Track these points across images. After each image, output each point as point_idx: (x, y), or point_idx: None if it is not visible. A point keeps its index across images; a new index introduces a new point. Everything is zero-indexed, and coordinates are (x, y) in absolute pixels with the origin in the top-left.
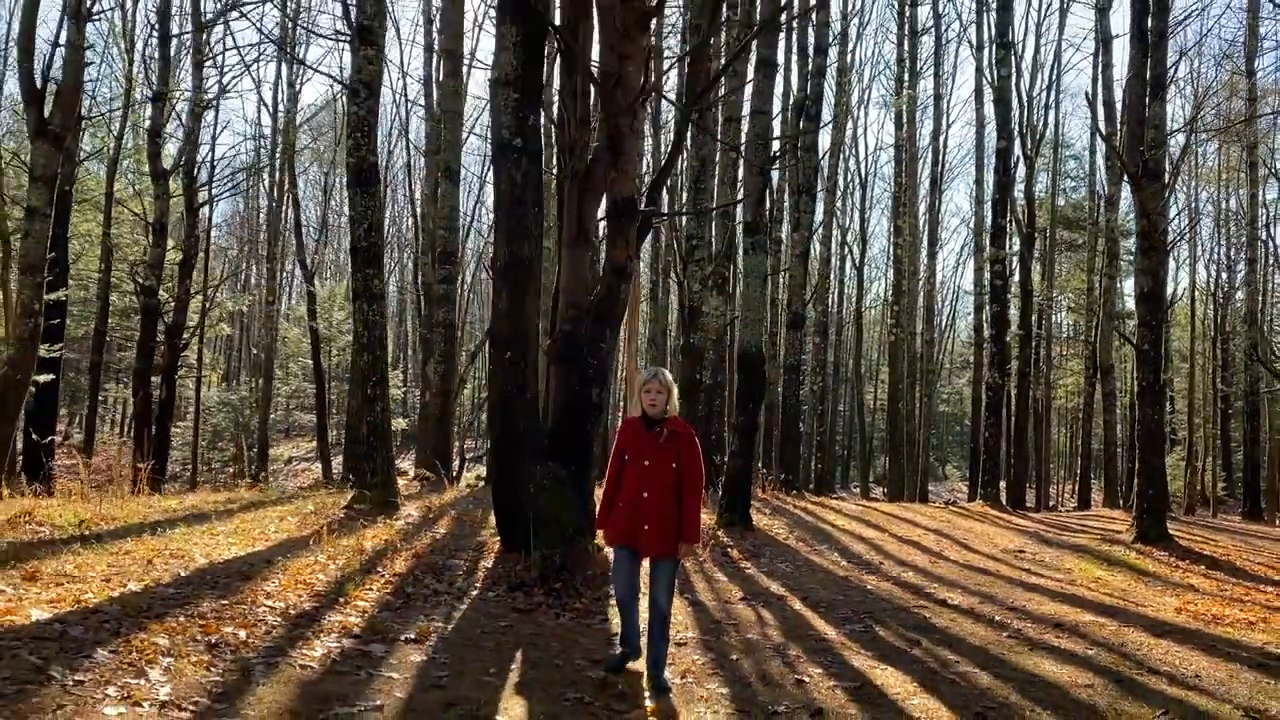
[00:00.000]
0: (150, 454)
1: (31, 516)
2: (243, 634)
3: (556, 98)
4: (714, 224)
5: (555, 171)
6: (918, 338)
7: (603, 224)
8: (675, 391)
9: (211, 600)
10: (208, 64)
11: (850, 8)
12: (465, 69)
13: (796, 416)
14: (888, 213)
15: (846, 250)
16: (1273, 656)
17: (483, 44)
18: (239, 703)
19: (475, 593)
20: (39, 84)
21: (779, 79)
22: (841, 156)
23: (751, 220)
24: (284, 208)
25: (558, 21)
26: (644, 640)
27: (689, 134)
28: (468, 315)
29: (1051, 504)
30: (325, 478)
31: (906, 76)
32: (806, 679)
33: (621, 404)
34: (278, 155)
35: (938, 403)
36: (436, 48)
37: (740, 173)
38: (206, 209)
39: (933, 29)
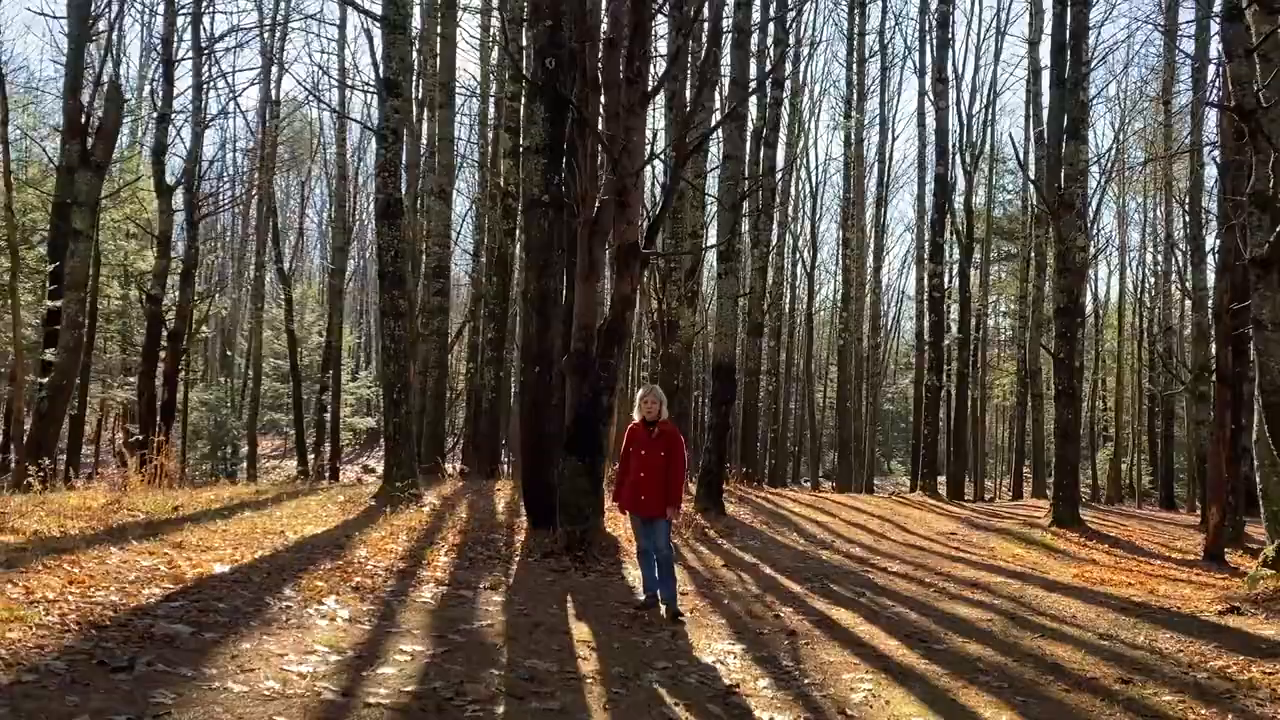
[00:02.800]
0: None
1: (120, 505)
2: (369, 582)
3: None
4: (686, 246)
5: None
6: (864, 342)
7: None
8: (665, 401)
9: (328, 562)
10: (207, 85)
11: (803, 30)
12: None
13: (756, 416)
14: (837, 219)
15: (798, 256)
16: (1133, 604)
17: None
18: (395, 620)
19: (518, 559)
20: (83, 120)
21: None
22: (794, 168)
23: (725, 250)
24: (264, 215)
25: (571, 97)
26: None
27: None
28: None
29: (989, 495)
30: (302, 474)
31: (854, 98)
32: (781, 615)
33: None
34: (259, 169)
35: (883, 401)
36: (416, 69)
37: (707, 198)
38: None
39: (879, 55)
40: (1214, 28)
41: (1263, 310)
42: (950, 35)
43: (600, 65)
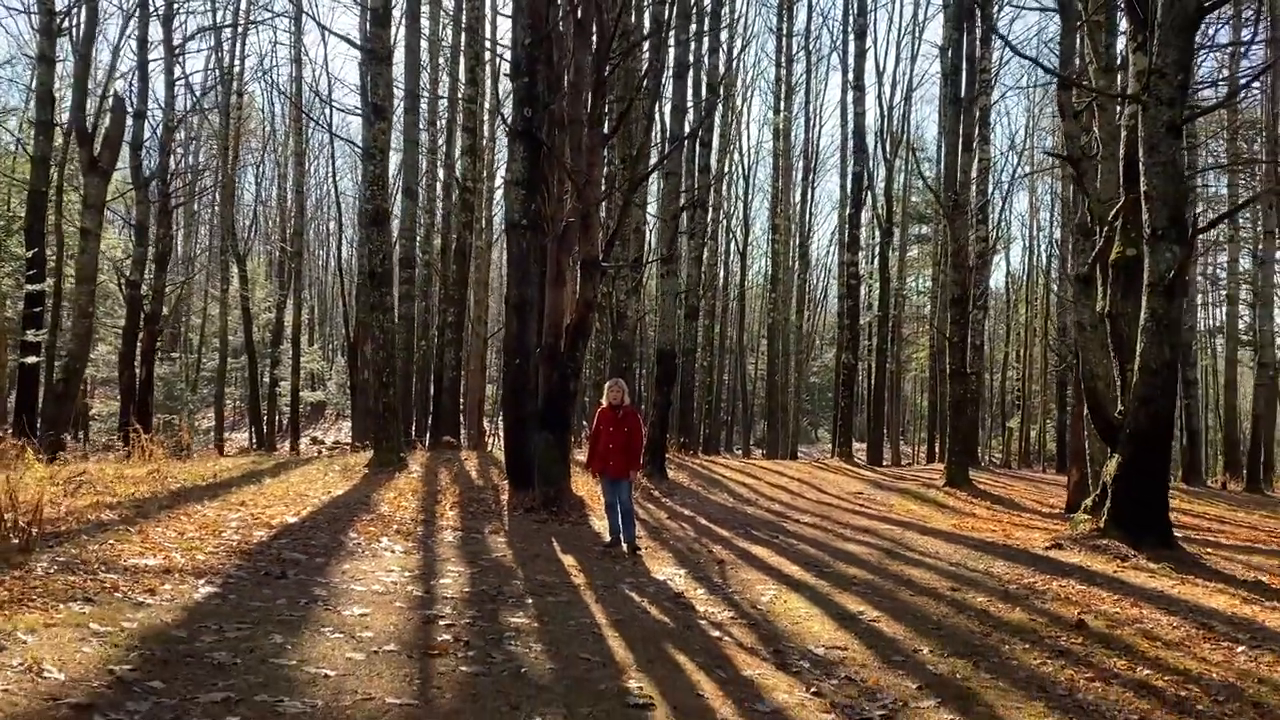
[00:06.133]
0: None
1: (162, 474)
2: (405, 528)
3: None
4: (630, 244)
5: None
6: (791, 320)
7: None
8: (627, 390)
9: (366, 514)
10: (178, 82)
11: (735, 22)
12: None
13: (692, 389)
14: (768, 198)
15: (731, 235)
16: (986, 543)
17: None
18: (435, 553)
19: (506, 512)
20: (89, 128)
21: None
22: (726, 152)
23: (666, 254)
24: (225, 202)
25: (543, 135)
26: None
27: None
28: None
29: (905, 460)
30: (258, 446)
31: (783, 92)
32: (713, 550)
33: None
34: (221, 160)
35: (809, 375)
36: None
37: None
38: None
39: (805, 55)
40: None
41: (1083, 315)
42: (870, 44)
43: (566, 107)
